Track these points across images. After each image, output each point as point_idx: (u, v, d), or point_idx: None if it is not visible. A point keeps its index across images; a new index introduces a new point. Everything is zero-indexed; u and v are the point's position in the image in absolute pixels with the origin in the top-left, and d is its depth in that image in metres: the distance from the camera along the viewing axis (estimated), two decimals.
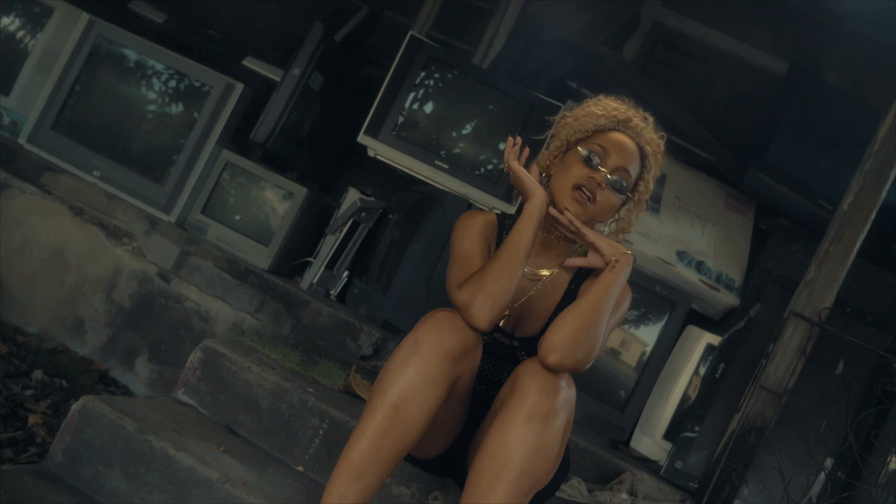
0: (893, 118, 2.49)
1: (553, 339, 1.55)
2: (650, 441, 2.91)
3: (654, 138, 1.75)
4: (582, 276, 1.72)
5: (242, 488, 1.72)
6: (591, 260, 1.67)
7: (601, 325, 1.58)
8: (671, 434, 2.88)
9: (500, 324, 1.76)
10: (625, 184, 1.70)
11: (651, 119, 1.77)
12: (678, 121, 3.29)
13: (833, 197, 2.89)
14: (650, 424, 2.93)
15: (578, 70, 3.35)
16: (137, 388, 2.82)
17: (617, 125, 1.73)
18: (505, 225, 1.81)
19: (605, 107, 1.76)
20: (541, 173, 1.78)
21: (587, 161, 1.68)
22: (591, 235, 1.66)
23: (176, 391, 2.09)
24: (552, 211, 1.69)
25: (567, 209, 1.67)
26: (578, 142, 1.73)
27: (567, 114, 1.80)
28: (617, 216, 1.77)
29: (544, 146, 1.87)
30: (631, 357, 3.02)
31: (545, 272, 1.76)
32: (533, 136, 1.86)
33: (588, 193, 1.67)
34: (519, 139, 1.73)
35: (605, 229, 1.78)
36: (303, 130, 3.28)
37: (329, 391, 2.18)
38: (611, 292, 1.61)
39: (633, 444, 2.95)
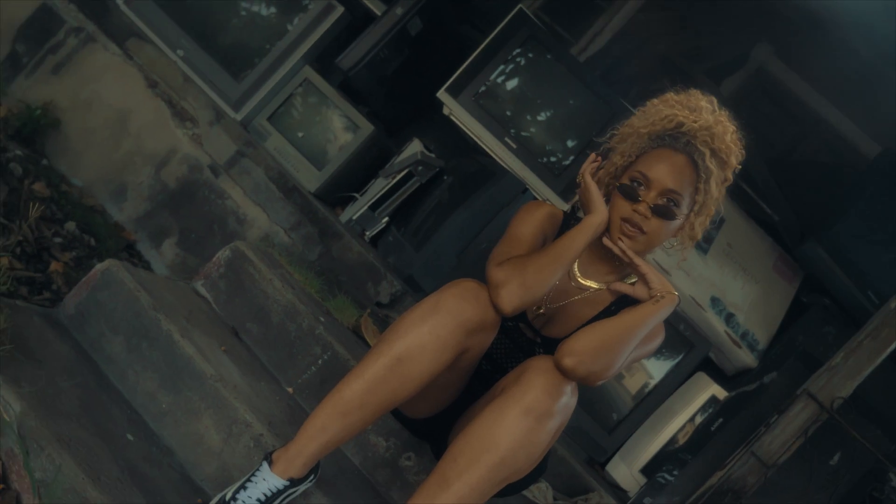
0: None
1: (576, 343, 1.55)
2: (626, 471, 2.91)
3: (718, 135, 1.63)
4: (625, 301, 1.70)
5: (231, 391, 1.75)
6: (637, 291, 1.65)
7: (625, 349, 1.58)
8: (649, 470, 2.87)
9: (531, 318, 1.76)
10: (675, 205, 1.65)
11: (721, 113, 1.67)
12: (753, 170, 3.22)
13: (884, 292, 2.83)
14: (631, 455, 2.92)
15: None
16: (158, 267, 2.87)
17: (660, 142, 1.67)
18: (568, 224, 1.80)
19: (653, 116, 1.67)
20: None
21: (628, 195, 1.66)
22: (644, 267, 1.64)
23: (195, 281, 2.12)
24: (606, 241, 1.67)
25: (618, 241, 1.66)
26: (625, 169, 1.71)
27: (618, 129, 1.76)
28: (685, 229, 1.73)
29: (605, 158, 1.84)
30: (633, 384, 3.01)
31: (594, 285, 1.74)
32: (600, 139, 1.80)
33: (636, 227, 1.65)
34: (599, 159, 1.72)
35: (675, 242, 1.74)
36: (387, 70, 3.27)
37: (338, 326, 2.21)
38: (647, 322, 1.59)
39: (609, 467, 2.95)
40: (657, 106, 1.68)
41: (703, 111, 1.64)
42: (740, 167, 1.69)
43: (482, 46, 3.11)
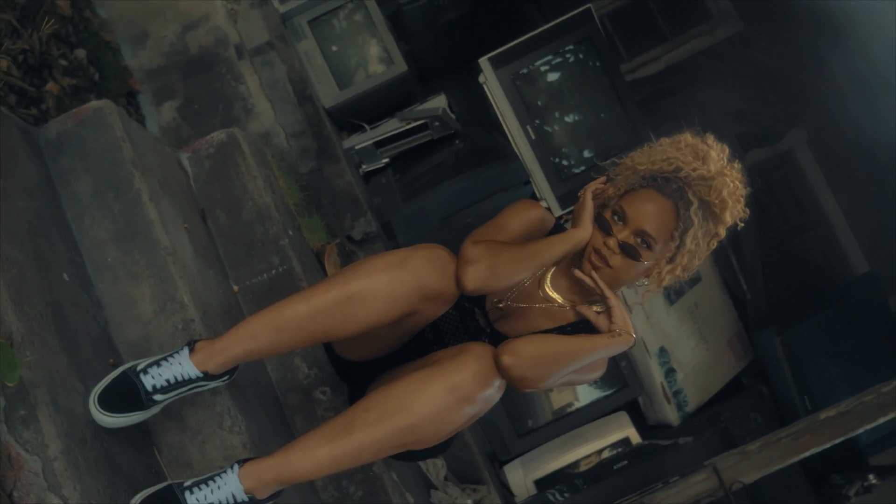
0: None
1: (521, 346, 1.55)
2: (522, 477, 2.95)
3: (715, 188, 1.57)
4: (582, 327, 1.71)
5: (179, 268, 1.74)
6: (599, 321, 1.66)
7: (565, 369, 1.59)
8: (542, 484, 2.92)
9: (488, 307, 1.76)
10: (646, 247, 1.62)
11: (728, 166, 1.59)
12: (745, 244, 3.25)
13: (819, 402, 2.89)
14: (532, 464, 2.97)
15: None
16: (152, 125, 2.82)
17: (652, 182, 1.63)
18: (555, 233, 1.79)
19: (656, 156, 1.62)
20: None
21: (602, 227, 1.64)
22: (612, 300, 1.64)
23: (182, 153, 2.09)
24: (577, 273, 1.66)
25: (591, 272, 1.65)
26: (614, 201, 1.68)
27: (620, 159, 1.73)
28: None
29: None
30: (558, 400, 3.04)
31: (558, 299, 1.74)
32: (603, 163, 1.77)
33: (602, 259, 1.64)
34: (609, 184, 1.70)
35: (645, 281, 1.72)
36: (440, 18, 3.22)
37: (303, 244, 2.20)
38: (596, 352, 1.60)
39: (507, 468, 2.99)
40: (665, 146, 1.63)
41: (709, 160, 1.58)
42: (742, 224, 1.63)
43: (539, 30, 3.07)
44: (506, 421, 2.90)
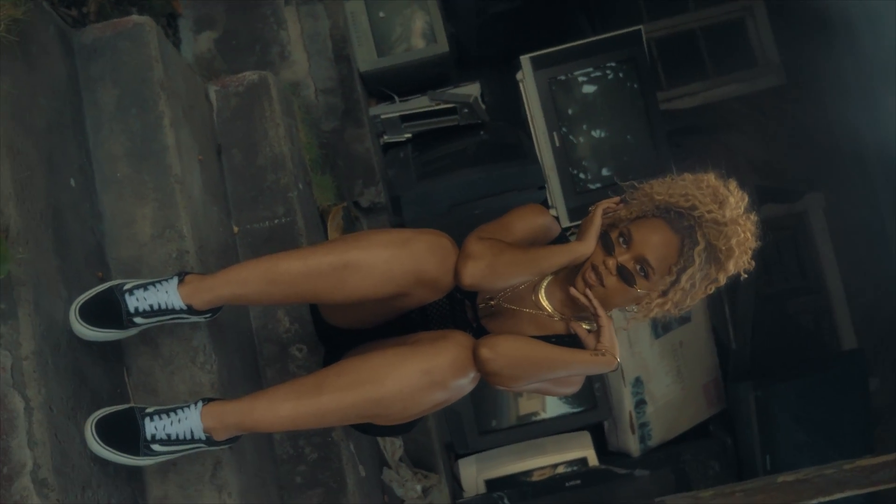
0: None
1: (501, 343, 1.55)
2: (474, 474, 2.97)
3: (725, 235, 1.55)
4: (568, 340, 1.71)
5: (185, 198, 1.73)
6: (587, 338, 1.65)
7: (540, 375, 1.59)
8: (492, 485, 2.94)
9: (479, 302, 1.76)
10: (643, 275, 1.61)
11: (744, 216, 1.57)
12: (741, 295, 3.25)
13: (779, 465, 2.91)
14: (486, 463, 2.98)
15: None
16: (186, 51, 2.80)
17: (663, 213, 1.62)
18: (558, 242, 1.79)
19: (676, 189, 1.61)
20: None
21: (605, 245, 1.63)
22: (604, 320, 1.63)
23: (211, 85, 2.08)
24: (573, 291, 1.64)
25: (585, 289, 1.64)
26: (624, 223, 1.68)
27: (639, 185, 1.72)
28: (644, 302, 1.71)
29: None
30: (525, 407, 3.05)
31: (548, 309, 1.73)
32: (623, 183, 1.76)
33: (598, 277, 1.63)
34: (622, 206, 1.70)
35: (634, 308, 1.71)
36: (492, 7, 3.20)
37: (311, 200, 2.19)
38: (575, 366, 1.60)
39: (462, 462, 3.01)
40: (687, 181, 1.62)
41: (726, 206, 1.57)
42: (744, 275, 1.62)
43: (585, 41, 3.06)
44: (470, 416, 2.91)
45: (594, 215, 1.67)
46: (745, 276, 1.64)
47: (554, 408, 3.03)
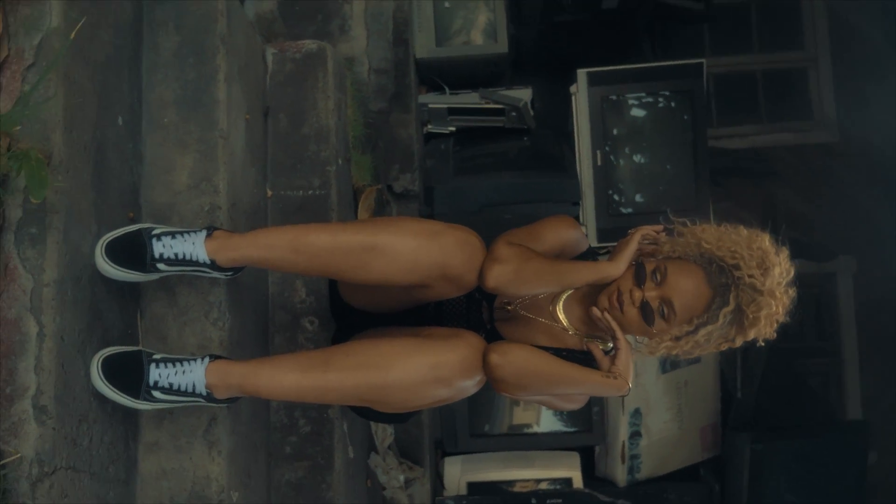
0: None
1: (513, 351, 1.54)
2: (458, 474, 2.97)
3: (758, 304, 1.51)
4: (580, 356, 1.69)
5: (227, 154, 1.73)
6: (602, 359, 1.64)
7: (546, 389, 1.58)
8: (474, 488, 2.94)
9: (497, 305, 1.75)
10: (662, 316, 1.58)
11: (783, 290, 1.53)
12: (753, 347, 3.22)
13: None
14: (472, 466, 2.98)
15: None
16: (249, 9, 2.80)
17: (704, 263, 1.59)
18: (585, 258, 1.78)
19: (726, 242, 1.56)
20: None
21: (636, 276, 1.60)
22: (622, 343, 1.62)
23: (270, 47, 2.09)
24: (594, 311, 1.62)
25: (606, 310, 1.63)
26: (663, 258, 1.66)
27: (691, 224, 1.70)
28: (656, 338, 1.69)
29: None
30: (520, 417, 3.05)
31: (564, 322, 1.72)
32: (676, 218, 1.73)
33: (620, 303, 1.61)
34: (663, 234, 1.67)
35: (644, 340, 1.69)
36: (558, 15, 3.18)
37: (347, 176, 2.19)
38: (585, 385, 1.59)
39: (448, 460, 3.01)
40: (741, 237, 1.58)
41: (769, 276, 1.53)
42: (762, 343, 1.59)
43: (647, 65, 3.04)
44: (465, 416, 2.91)
45: (632, 239, 1.64)
46: (762, 343, 1.60)
47: (548, 423, 3.02)
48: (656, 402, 3.09)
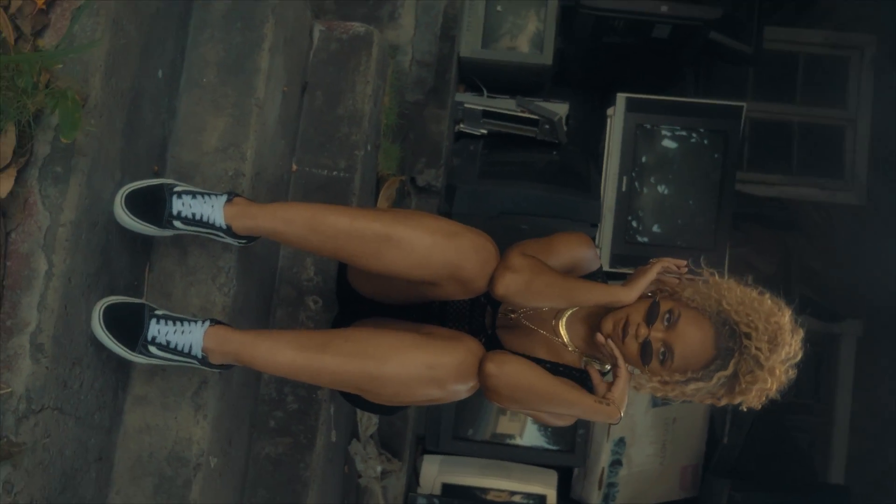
0: None
1: (509, 363, 1.54)
2: (434, 474, 2.97)
3: (755, 377, 1.52)
4: (576, 374, 1.69)
5: (259, 123, 1.74)
6: (599, 384, 1.63)
7: (537, 405, 1.57)
8: (448, 490, 2.94)
9: (500, 312, 1.75)
10: (660, 359, 1.58)
11: (783, 368, 1.53)
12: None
13: None
14: (449, 467, 2.98)
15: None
16: None
17: (718, 322, 1.57)
18: (594, 278, 1.77)
19: (746, 307, 1.55)
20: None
21: (648, 313, 1.58)
22: (622, 371, 1.61)
23: (317, 24, 2.09)
24: (599, 338, 1.61)
25: (609, 336, 1.62)
26: (679, 301, 1.64)
27: (717, 276, 1.67)
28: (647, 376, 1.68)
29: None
30: (504, 427, 3.04)
31: (565, 338, 1.71)
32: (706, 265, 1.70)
33: (624, 333, 1.60)
34: (685, 270, 1.65)
35: (633, 370, 1.68)
36: (606, 36, 3.17)
37: (374, 165, 2.19)
38: (577, 407, 1.57)
39: (427, 457, 3.01)
40: (764, 306, 1.56)
41: (776, 353, 1.52)
42: (744, 409, 1.59)
43: (686, 99, 3.03)
44: (451, 417, 2.91)
45: (651, 269, 1.63)
46: (745, 409, 1.60)
47: (531, 437, 3.02)
48: (642, 434, 3.08)
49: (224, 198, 1.55)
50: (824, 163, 3.79)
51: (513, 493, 2.99)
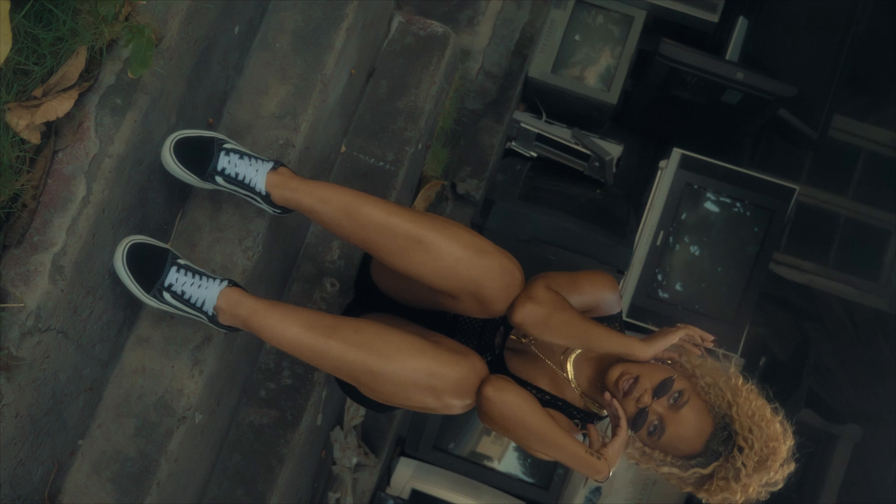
0: None
1: (508, 394, 1.52)
2: (406, 477, 2.95)
3: (732, 489, 1.53)
4: (575, 412, 1.67)
5: (320, 99, 1.74)
6: (595, 439, 1.61)
7: (527, 442, 1.56)
8: (416, 496, 2.92)
9: (512, 335, 1.74)
10: (649, 431, 1.57)
11: (756, 490, 1.55)
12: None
13: None
14: (423, 475, 2.97)
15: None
16: None
17: (720, 424, 1.57)
18: (611, 322, 1.76)
19: (748, 420, 1.54)
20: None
21: (661, 386, 1.57)
22: (622, 432, 1.58)
23: (398, 14, 2.09)
24: (606, 397, 1.60)
25: (614, 383, 1.61)
26: (696, 384, 1.62)
27: (733, 372, 1.66)
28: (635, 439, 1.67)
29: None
30: (486, 448, 3.03)
31: (570, 376, 1.70)
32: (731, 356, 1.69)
33: (626, 391, 1.59)
34: (710, 344, 1.63)
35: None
36: (675, 89, 3.13)
37: (420, 164, 2.19)
38: (566, 453, 1.55)
39: (403, 459, 3.00)
40: (769, 430, 1.54)
41: (758, 473, 1.52)
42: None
43: (740, 169, 3.00)
44: (435, 427, 2.89)
45: (675, 333, 1.62)
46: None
47: (509, 464, 3.00)
48: (620, 488, 3.05)
49: (270, 165, 1.56)
50: (862, 262, 3.74)
51: None
